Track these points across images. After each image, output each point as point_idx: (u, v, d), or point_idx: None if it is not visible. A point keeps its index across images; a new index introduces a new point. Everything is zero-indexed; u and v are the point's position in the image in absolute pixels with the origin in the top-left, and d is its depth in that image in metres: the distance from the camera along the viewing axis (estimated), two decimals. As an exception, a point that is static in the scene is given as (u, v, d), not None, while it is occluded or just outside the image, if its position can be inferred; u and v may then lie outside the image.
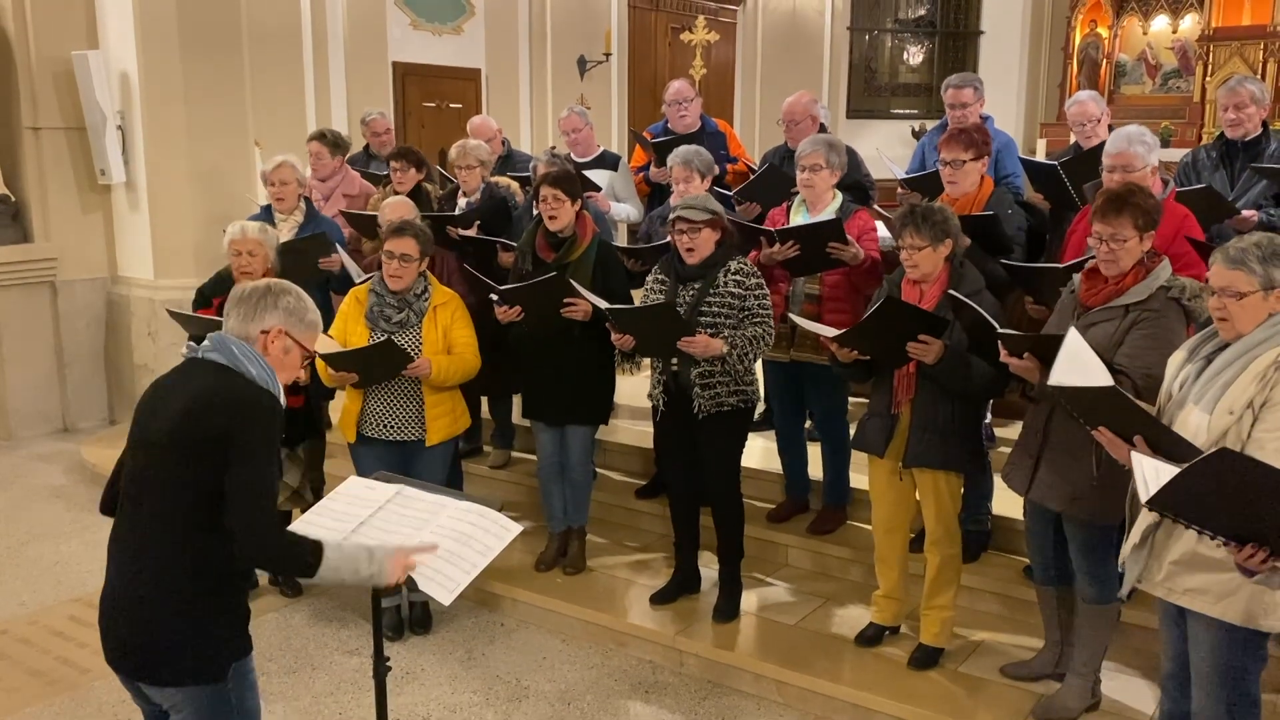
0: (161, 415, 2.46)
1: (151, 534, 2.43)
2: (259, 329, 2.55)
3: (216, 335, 2.55)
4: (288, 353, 2.59)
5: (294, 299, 2.60)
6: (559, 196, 4.41)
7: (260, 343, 2.55)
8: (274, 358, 2.56)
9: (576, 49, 10.20)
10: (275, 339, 2.56)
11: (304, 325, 2.61)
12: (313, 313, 2.64)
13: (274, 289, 2.59)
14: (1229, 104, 4.74)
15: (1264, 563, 2.19)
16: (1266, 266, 2.63)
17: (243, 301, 2.58)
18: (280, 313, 2.56)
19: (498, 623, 4.66)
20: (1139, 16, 11.78)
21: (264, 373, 2.50)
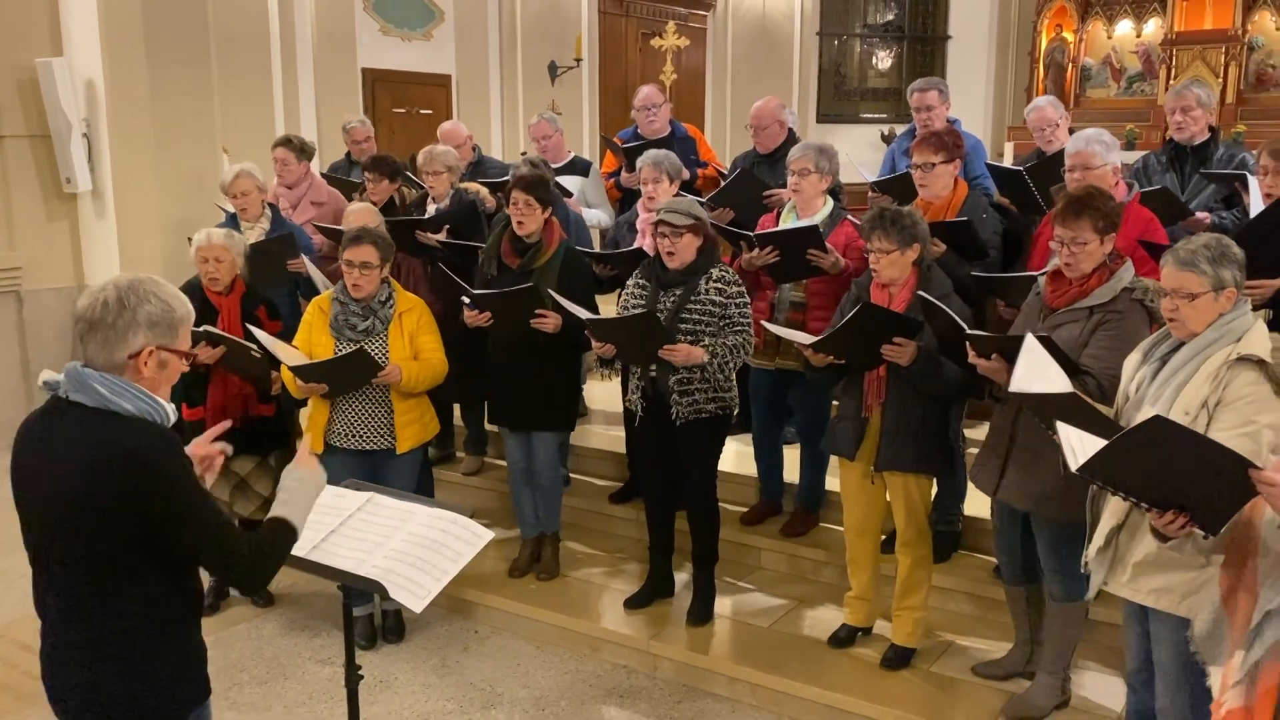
0: (47, 481, 2.17)
1: (76, 595, 2.19)
2: (125, 354, 2.17)
3: (73, 370, 2.18)
4: (165, 366, 2.23)
5: (155, 304, 2.19)
6: (530, 202, 4.41)
7: (131, 369, 2.18)
8: (150, 379, 2.20)
9: (547, 54, 10.21)
10: (147, 360, 2.19)
11: (174, 329, 2.23)
12: (179, 307, 2.24)
13: (126, 301, 2.17)
14: (1176, 107, 4.83)
15: (1181, 528, 2.23)
16: (1216, 267, 2.68)
17: (96, 325, 2.16)
18: (144, 328, 2.17)
19: (471, 630, 4.65)
20: (1103, 21, 11.91)
21: (142, 404, 2.17)
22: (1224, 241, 2.77)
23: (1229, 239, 2.81)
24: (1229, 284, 2.72)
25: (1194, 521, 2.22)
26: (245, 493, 4.67)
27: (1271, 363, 2.63)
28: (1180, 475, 2.19)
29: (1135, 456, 2.21)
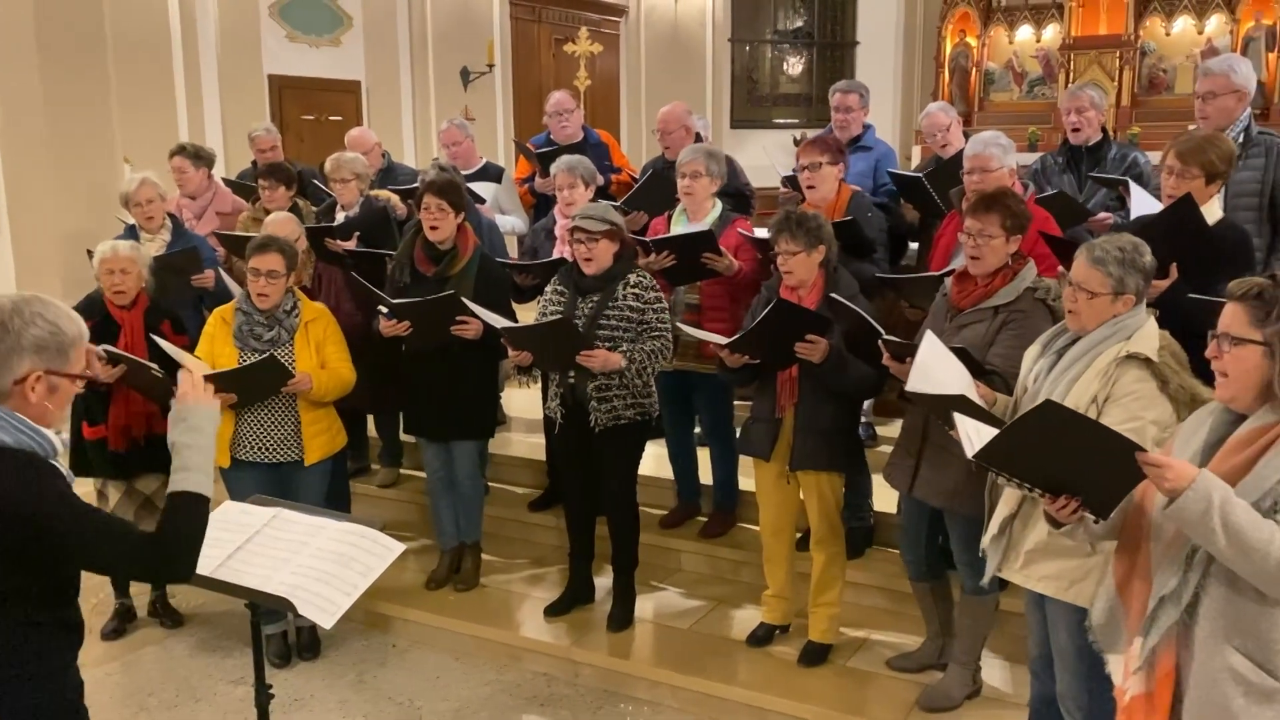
0: None
1: None
2: (10, 380, 2.02)
3: None
4: (55, 390, 2.08)
5: (42, 326, 2.05)
6: (443, 206, 4.37)
7: (18, 396, 2.03)
8: (38, 406, 2.05)
9: (459, 60, 10.13)
10: (35, 386, 2.04)
11: (64, 352, 2.09)
12: (70, 328, 2.11)
13: (10, 325, 2.02)
14: (1071, 108, 4.99)
15: (1073, 513, 2.30)
16: (1123, 271, 2.77)
17: None
18: (30, 353, 2.03)
19: (389, 644, 4.58)
20: (1005, 27, 12.27)
21: (22, 435, 2.02)
22: (1140, 249, 2.83)
23: (1146, 246, 2.86)
24: (1130, 291, 2.80)
25: (1085, 506, 2.29)
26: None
27: (1158, 361, 2.73)
28: (1071, 460, 2.25)
29: (1028, 442, 2.27)
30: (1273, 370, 2.14)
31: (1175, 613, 2.21)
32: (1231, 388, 2.22)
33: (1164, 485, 2.12)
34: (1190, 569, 2.21)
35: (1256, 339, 2.16)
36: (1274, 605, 2.12)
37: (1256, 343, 2.16)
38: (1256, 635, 2.14)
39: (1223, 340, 2.22)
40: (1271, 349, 2.14)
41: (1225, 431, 2.28)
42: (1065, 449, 2.24)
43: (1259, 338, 2.16)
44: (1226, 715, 2.15)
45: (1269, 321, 2.14)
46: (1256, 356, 2.16)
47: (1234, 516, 2.05)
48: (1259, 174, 4.21)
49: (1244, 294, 2.21)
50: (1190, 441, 2.34)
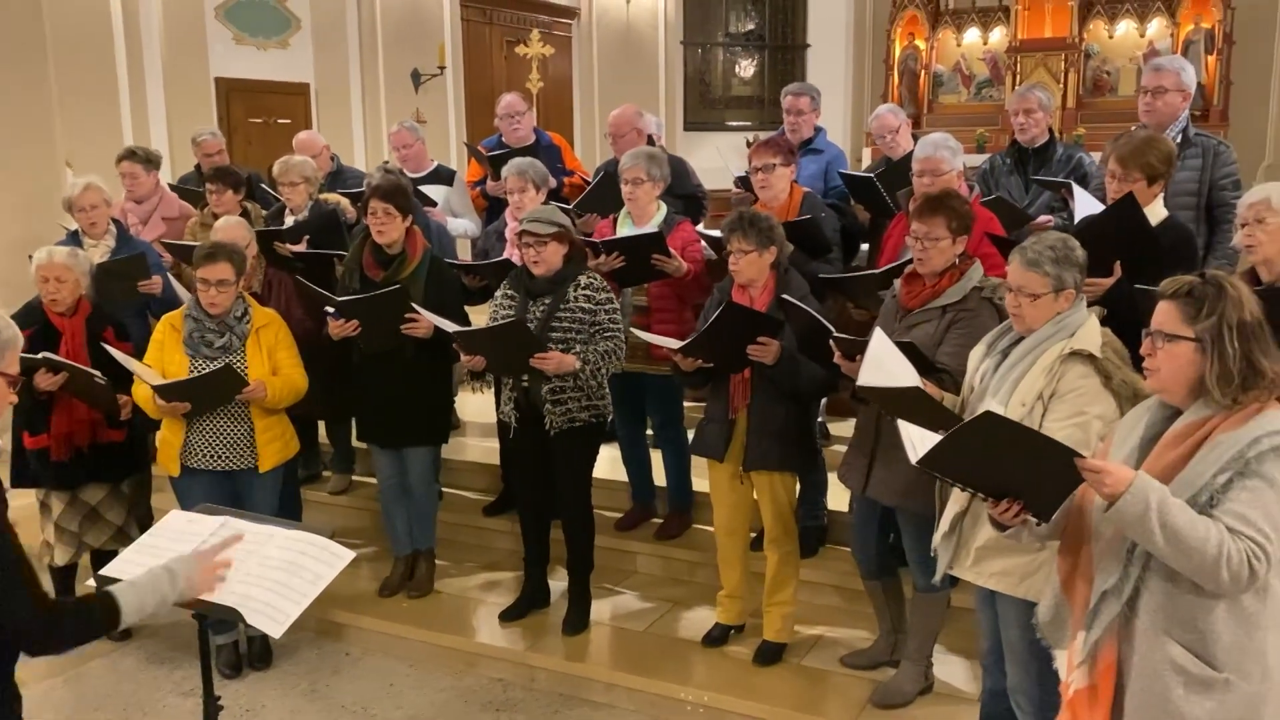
0: None
1: None
2: None
3: None
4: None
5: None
6: (389, 210, 4.34)
7: None
8: None
9: (410, 62, 10.06)
10: None
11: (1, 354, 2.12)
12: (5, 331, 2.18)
13: None
14: (1019, 109, 5.07)
15: (1016, 516, 2.33)
16: (1059, 268, 2.82)
17: None
18: None
19: (342, 652, 4.54)
20: (953, 29, 12.41)
21: None
22: (1069, 243, 2.90)
23: (1074, 241, 2.94)
24: (1069, 285, 2.85)
25: (1027, 510, 2.32)
26: (96, 522, 4.47)
27: (1101, 357, 2.78)
28: (1012, 466, 2.28)
29: (969, 449, 2.30)
30: (1204, 366, 2.19)
31: (1116, 607, 2.26)
32: (1163, 381, 2.28)
33: (1103, 490, 2.16)
34: (1130, 564, 2.25)
35: (1188, 335, 2.21)
36: (1211, 598, 2.18)
37: (1188, 339, 2.21)
38: (1195, 627, 2.19)
39: (1156, 337, 2.27)
40: (1203, 345, 2.19)
41: (1161, 427, 2.33)
42: (1005, 456, 2.27)
43: (1191, 334, 2.21)
44: (1167, 705, 2.20)
45: (1200, 319, 2.20)
46: (1189, 352, 2.22)
47: (1171, 517, 2.10)
48: (1197, 174, 4.31)
49: (1175, 292, 2.26)
50: (1128, 438, 2.39)
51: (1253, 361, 2.17)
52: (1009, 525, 2.39)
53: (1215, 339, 2.18)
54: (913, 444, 2.48)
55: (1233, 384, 2.17)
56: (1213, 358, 2.18)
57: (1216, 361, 2.17)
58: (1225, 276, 2.25)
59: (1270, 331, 2.22)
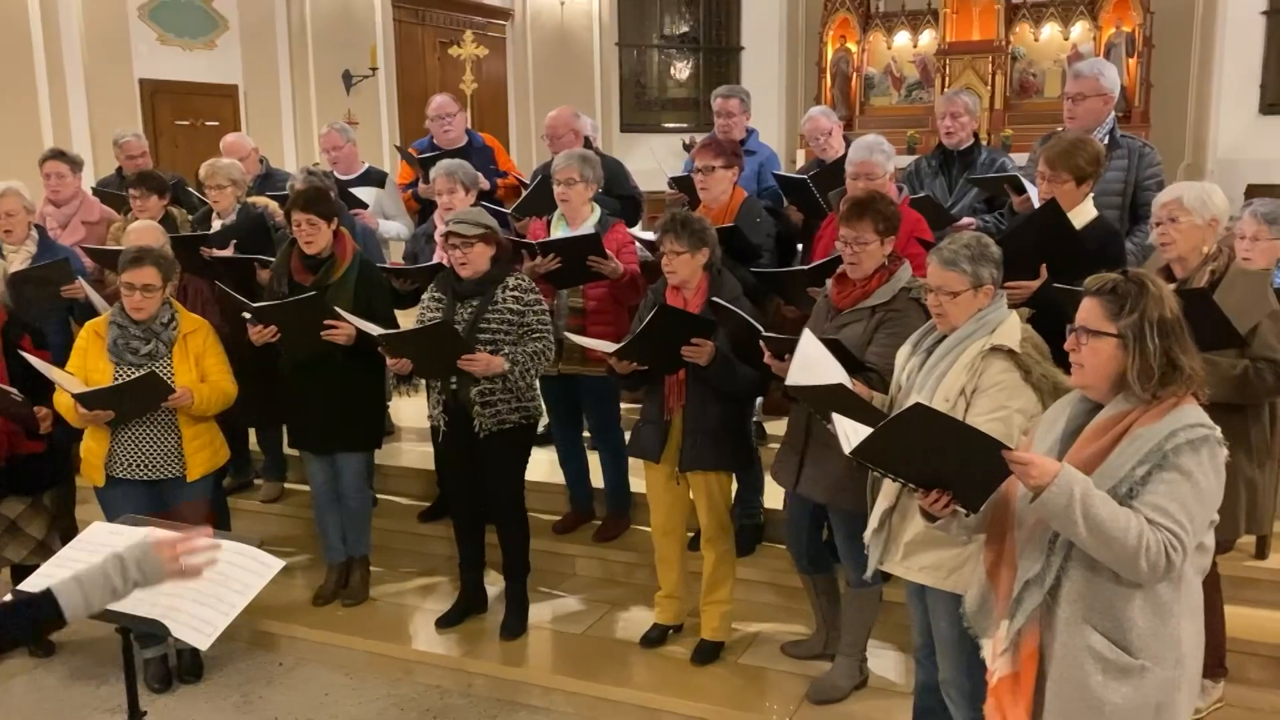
0: None
1: None
2: None
3: None
4: None
5: None
6: (313, 220, 4.28)
7: None
8: None
9: (341, 63, 9.95)
10: None
11: None
12: None
13: None
14: (946, 112, 5.17)
15: (945, 507, 2.38)
16: (976, 266, 2.89)
17: None
18: None
19: (275, 662, 4.46)
20: (883, 32, 12.58)
21: None
22: (983, 241, 2.98)
23: (988, 238, 3.02)
24: (987, 281, 2.92)
25: (956, 500, 2.37)
26: (16, 536, 4.33)
27: (1021, 352, 2.85)
28: (941, 457, 2.33)
29: (900, 440, 2.34)
30: (1126, 361, 2.25)
31: (1039, 596, 2.31)
32: (1088, 377, 2.34)
33: (1029, 481, 2.21)
34: (1052, 554, 2.31)
35: (1111, 332, 2.27)
36: (1129, 587, 2.24)
37: (1111, 335, 2.27)
38: (1113, 616, 2.25)
39: (1080, 333, 2.33)
40: (1125, 342, 2.25)
41: (1084, 420, 2.39)
42: (935, 447, 2.32)
43: (1113, 330, 2.27)
44: (1085, 692, 2.26)
45: (1122, 315, 2.26)
46: (1111, 348, 2.28)
47: (1094, 509, 2.15)
48: (1122, 175, 4.43)
49: (1099, 289, 2.32)
50: (1051, 429, 2.45)
51: (1172, 358, 2.23)
52: (939, 516, 2.44)
53: (1137, 335, 2.24)
54: (846, 436, 2.52)
55: (1153, 379, 2.23)
56: (1134, 354, 2.24)
57: (1138, 357, 2.23)
58: (1147, 274, 2.32)
59: (1188, 328, 2.29)
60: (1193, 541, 2.21)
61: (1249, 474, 3.35)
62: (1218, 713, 3.62)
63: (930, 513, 2.44)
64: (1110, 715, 2.25)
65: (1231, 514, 3.26)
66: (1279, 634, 3.89)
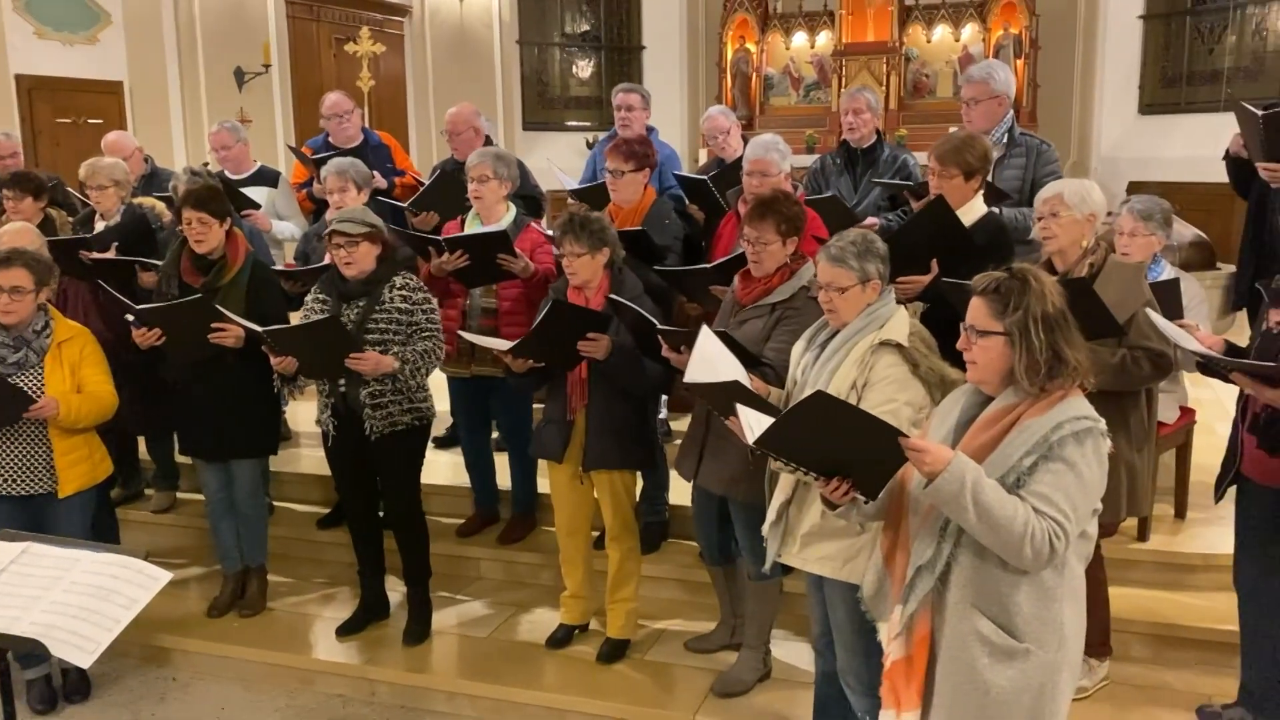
0: None
1: None
2: None
3: None
4: None
5: None
6: (204, 219, 4.15)
7: None
8: None
9: (233, 60, 9.67)
10: None
11: None
12: None
13: None
14: (849, 109, 5.27)
15: (845, 495, 2.43)
16: (862, 262, 2.95)
17: None
18: None
19: (168, 678, 4.32)
20: (781, 33, 12.73)
21: None
22: (868, 237, 3.04)
23: (874, 235, 3.08)
24: (874, 276, 2.98)
25: (856, 488, 2.42)
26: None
27: (908, 346, 2.92)
28: (841, 445, 2.38)
29: (802, 429, 2.38)
30: (1014, 357, 2.32)
31: (930, 581, 2.37)
32: (981, 374, 2.41)
33: (923, 467, 2.26)
34: (943, 540, 2.37)
35: (998, 330, 2.34)
36: (1015, 573, 2.31)
37: (998, 333, 2.34)
38: (1000, 601, 2.32)
39: (970, 332, 2.40)
40: (1011, 338, 2.32)
41: (975, 412, 2.46)
42: (835, 435, 2.36)
43: (1000, 329, 2.34)
44: (972, 674, 2.32)
45: (1008, 313, 2.33)
46: (1000, 345, 2.35)
47: (984, 495, 2.21)
48: (1021, 172, 4.57)
49: (984, 289, 2.39)
50: (946, 420, 2.51)
51: (1057, 351, 2.31)
52: (839, 504, 2.48)
53: (1022, 332, 2.31)
54: (749, 426, 2.55)
55: (1040, 373, 2.30)
56: (1021, 350, 2.31)
57: (1024, 354, 2.31)
58: (1030, 270, 2.39)
59: (1072, 320, 2.37)
60: (1076, 530, 2.29)
61: (1129, 458, 3.48)
62: (1103, 690, 3.76)
63: (831, 501, 2.48)
64: (996, 697, 2.32)
65: (1113, 498, 3.39)
66: (1160, 613, 4.06)
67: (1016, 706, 2.33)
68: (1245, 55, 10.65)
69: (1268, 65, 10.06)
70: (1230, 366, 3.10)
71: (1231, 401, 3.57)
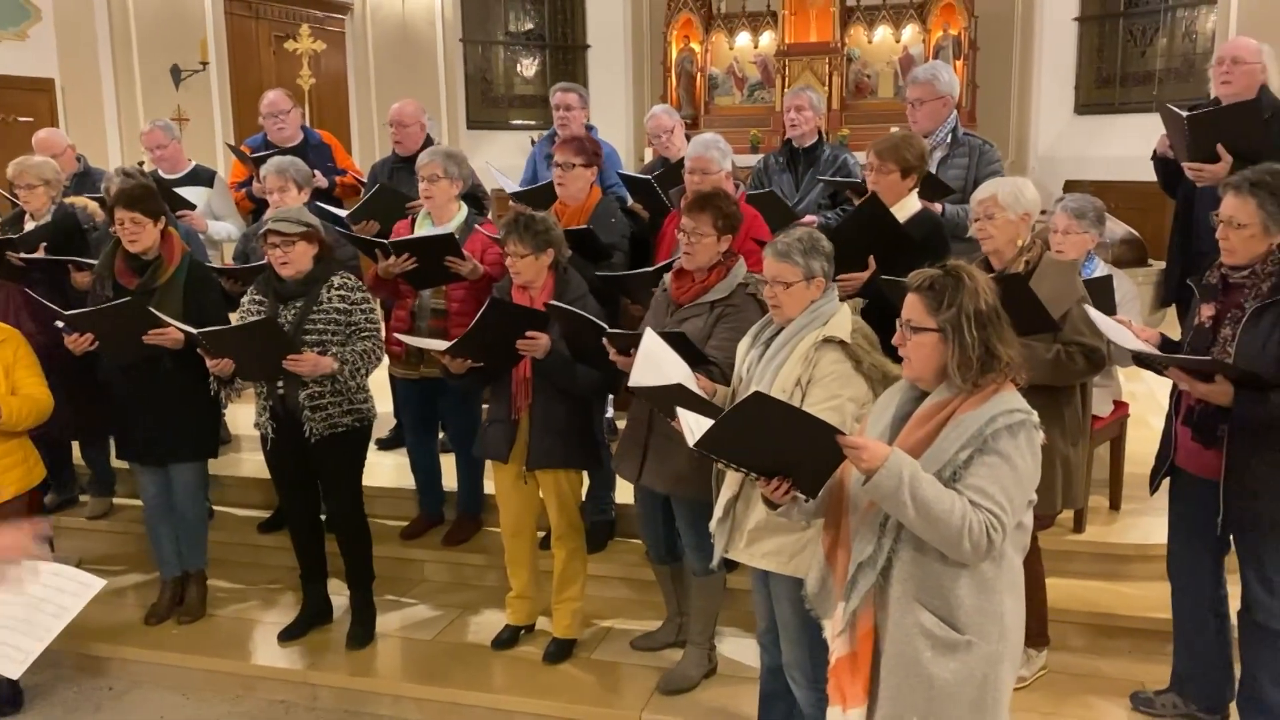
0: None
1: None
2: None
3: None
4: None
5: None
6: (137, 219, 4.07)
7: None
8: None
9: (169, 57, 9.48)
10: None
11: None
12: None
13: None
14: (791, 105, 5.34)
15: (786, 494, 2.46)
16: (808, 259, 2.98)
17: None
18: None
19: (105, 687, 4.23)
20: (725, 33, 12.79)
21: None
22: (814, 235, 3.08)
23: (819, 233, 3.12)
24: (818, 273, 3.02)
25: (796, 486, 2.44)
26: None
27: (851, 343, 2.96)
28: (780, 444, 2.40)
29: (741, 429, 2.40)
30: (947, 353, 2.36)
31: (872, 577, 2.40)
32: (916, 369, 2.45)
33: (860, 464, 2.29)
34: (883, 536, 2.40)
35: (932, 326, 2.37)
36: (955, 566, 2.35)
37: (932, 330, 2.37)
38: (941, 594, 2.35)
39: (905, 328, 2.43)
40: (945, 334, 2.36)
41: (912, 407, 2.50)
42: (774, 435, 2.38)
43: (934, 325, 2.37)
44: (916, 668, 2.35)
45: (942, 310, 2.36)
46: (934, 341, 2.38)
47: (921, 490, 2.25)
48: (964, 171, 4.65)
49: (919, 285, 2.42)
50: (882, 416, 2.55)
51: (990, 347, 2.34)
52: (780, 503, 2.50)
53: (955, 329, 2.34)
54: (690, 429, 2.56)
55: (972, 369, 2.34)
56: (954, 346, 2.35)
57: (957, 349, 2.34)
58: (964, 268, 2.43)
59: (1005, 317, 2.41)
60: (1012, 521, 2.33)
61: (1064, 452, 3.55)
62: (1041, 679, 3.83)
63: (771, 500, 2.50)
64: (940, 689, 2.36)
65: (1049, 491, 3.46)
66: (1096, 603, 4.15)
67: (960, 698, 2.37)
68: (1176, 57, 10.94)
69: (1197, 67, 10.31)
70: (1167, 362, 3.17)
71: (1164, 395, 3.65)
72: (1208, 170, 4.18)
